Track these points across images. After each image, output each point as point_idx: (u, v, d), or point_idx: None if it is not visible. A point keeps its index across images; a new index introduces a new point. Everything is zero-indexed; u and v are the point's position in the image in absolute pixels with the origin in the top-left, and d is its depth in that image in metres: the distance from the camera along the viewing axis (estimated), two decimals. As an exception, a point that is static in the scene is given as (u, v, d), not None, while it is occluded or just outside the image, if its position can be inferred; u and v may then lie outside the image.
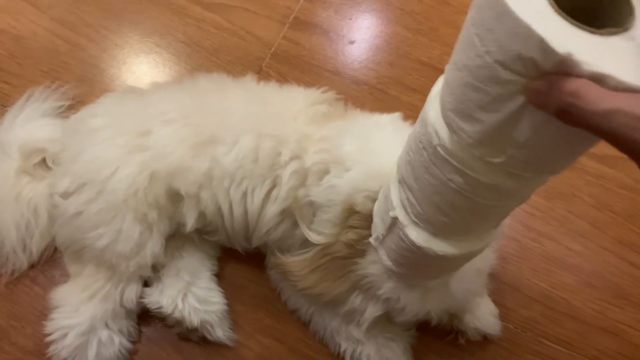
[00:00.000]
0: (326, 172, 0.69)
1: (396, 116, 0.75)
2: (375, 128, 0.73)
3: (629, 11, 0.34)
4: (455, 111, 0.41)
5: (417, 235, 0.54)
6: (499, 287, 0.88)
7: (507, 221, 0.93)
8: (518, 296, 0.88)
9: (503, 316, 0.84)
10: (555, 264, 0.91)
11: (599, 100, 0.30)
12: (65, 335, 0.74)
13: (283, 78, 1.05)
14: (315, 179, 0.70)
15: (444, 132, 0.44)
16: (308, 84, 1.03)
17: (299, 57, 1.08)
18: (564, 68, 0.31)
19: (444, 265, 0.60)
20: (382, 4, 1.16)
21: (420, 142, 0.47)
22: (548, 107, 0.33)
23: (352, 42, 1.11)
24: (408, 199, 0.53)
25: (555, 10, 0.32)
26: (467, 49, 0.37)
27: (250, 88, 0.80)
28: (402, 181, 0.54)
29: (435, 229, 0.53)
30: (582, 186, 0.97)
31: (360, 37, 1.12)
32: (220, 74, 0.84)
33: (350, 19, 1.14)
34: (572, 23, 0.32)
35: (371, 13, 1.15)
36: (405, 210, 0.54)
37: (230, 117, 0.74)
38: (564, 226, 0.94)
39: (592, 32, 0.32)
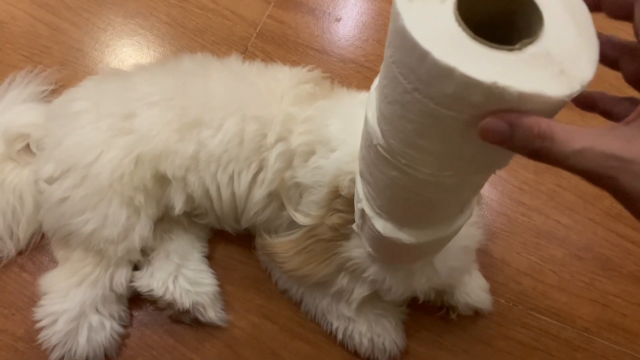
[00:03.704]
0: (312, 152, 0.69)
1: (382, 94, 0.75)
2: (360, 107, 0.71)
3: (539, 19, 0.34)
4: (397, 139, 0.41)
5: (383, 226, 0.54)
6: (489, 261, 0.88)
7: (495, 196, 0.95)
8: (508, 270, 0.89)
9: (494, 290, 0.84)
10: (545, 238, 0.91)
11: (568, 141, 0.30)
12: (55, 321, 0.74)
13: (269, 57, 1.04)
14: (301, 160, 0.69)
15: (380, 134, 0.44)
16: (294, 63, 1.03)
17: (285, 36, 1.07)
18: (492, 96, 0.30)
19: (417, 252, 0.60)
20: (368, -20, 1.15)
21: (366, 139, 0.47)
22: (513, 148, 0.32)
23: (338, 20, 1.10)
24: (369, 192, 0.53)
25: (470, 36, 0.32)
26: (394, 85, 0.36)
27: (234, 69, 0.79)
28: (361, 174, 0.54)
29: (398, 220, 0.53)
30: (570, 160, 0.97)
31: (346, 14, 1.11)
32: (205, 55, 0.83)
33: (336, -4, 1.12)
34: (488, 46, 0.32)
35: (357, -11, 1.14)
36: (369, 202, 0.54)
37: (214, 99, 0.73)
38: (552, 200, 0.95)
39: (509, 50, 0.32)
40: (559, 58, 0.32)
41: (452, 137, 0.36)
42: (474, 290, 0.80)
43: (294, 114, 0.71)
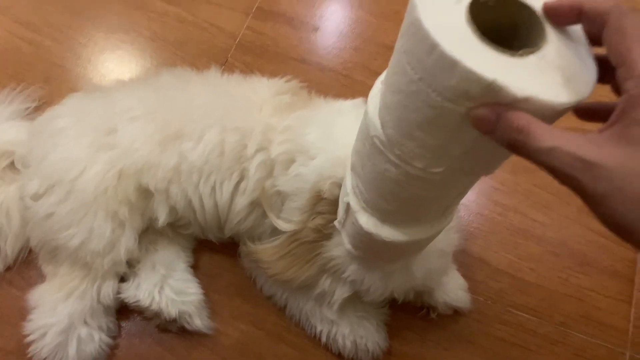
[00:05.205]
0: (292, 161, 0.71)
1: (358, 102, 0.77)
2: (337, 115, 0.74)
3: (541, 30, 0.37)
4: (396, 129, 0.43)
5: (366, 221, 0.56)
6: (468, 261, 0.91)
7: (473, 197, 0.97)
8: (486, 269, 0.91)
9: (472, 289, 0.87)
10: (522, 236, 0.94)
11: (542, 138, 0.32)
12: (44, 335, 0.75)
13: (249, 68, 1.06)
14: (281, 169, 0.72)
15: (379, 125, 0.46)
16: (274, 73, 1.03)
17: (264, 47, 1.09)
18: (490, 93, 0.33)
19: (396, 251, 0.62)
20: (344, -11, 1.17)
21: (363, 132, 0.49)
22: (495, 137, 0.35)
23: (316, 29, 1.12)
24: (357, 185, 0.55)
25: (478, 37, 0.34)
26: (400, 75, 0.39)
27: (214, 81, 0.81)
28: (352, 167, 0.56)
29: (382, 216, 0.55)
30: (545, 159, 0.99)
31: (324, 23, 1.13)
32: (184, 69, 0.86)
33: (313, 6, 1.15)
34: (493, 48, 0.34)
35: (334, -1, 1.16)
36: (356, 196, 0.56)
37: (195, 112, 0.75)
38: (528, 199, 0.97)
39: (512, 55, 0.34)
40: (559, 69, 0.35)
41: (447, 130, 0.39)
42: (453, 290, 0.82)
43: (273, 124, 0.73)
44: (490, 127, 0.35)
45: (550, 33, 0.37)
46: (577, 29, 0.38)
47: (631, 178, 0.31)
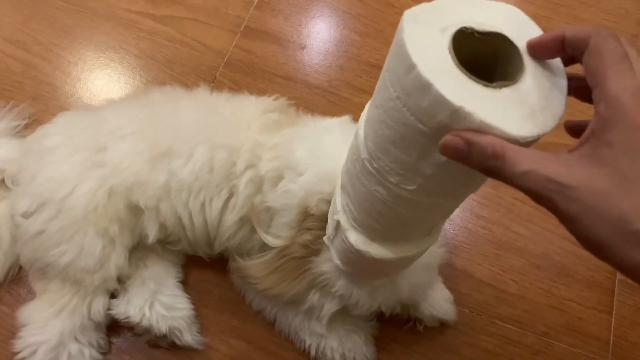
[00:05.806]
0: (281, 177, 0.72)
1: (344, 119, 0.79)
2: (324, 132, 0.76)
3: (520, 65, 0.39)
4: (374, 142, 0.45)
5: (355, 239, 0.57)
6: (453, 273, 0.93)
7: (456, 211, 0.99)
8: (471, 281, 0.93)
9: (458, 301, 0.89)
10: (504, 249, 0.96)
11: (516, 162, 0.34)
12: (34, 352, 0.75)
13: (237, 86, 1.08)
14: (270, 185, 0.73)
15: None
16: (262, 90, 1.07)
17: (252, 65, 1.11)
18: (457, 119, 0.35)
19: (383, 268, 0.63)
20: (330, 9, 1.20)
21: (354, 153, 0.51)
22: (470, 164, 0.36)
23: (303, 48, 1.15)
24: (347, 204, 0.57)
25: (456, 64, 0.36)
26: (382, 91, 0.41)
27: (203, 99, 0.83)
28: (343, 187, 0.57)
29: (371, 234, 0.57)
30: (526, 173, 1.02)
31: (310, 42, 1.16)
32: (174, 87, 0.87)
33: (300, 25, 1.17)
34: (468, 77, 0.36)
35: (320, 18, 1.19)
36: (346, 214, 0.58)
37: (184, 130, 0.76)
38: (510, 212, 1.00)
39: (485, 86, 0.36)
40: (530, 104, 0.37)
41: (418, 149, 0.40)
42: (439, 302, 0.84)
43: (261, 142, 0.75)
44: (463, 154, 0.36)
45: (529, 67, 0.39)
46: (556, 63, 0.40)
47: (600, 198, 0.32)
